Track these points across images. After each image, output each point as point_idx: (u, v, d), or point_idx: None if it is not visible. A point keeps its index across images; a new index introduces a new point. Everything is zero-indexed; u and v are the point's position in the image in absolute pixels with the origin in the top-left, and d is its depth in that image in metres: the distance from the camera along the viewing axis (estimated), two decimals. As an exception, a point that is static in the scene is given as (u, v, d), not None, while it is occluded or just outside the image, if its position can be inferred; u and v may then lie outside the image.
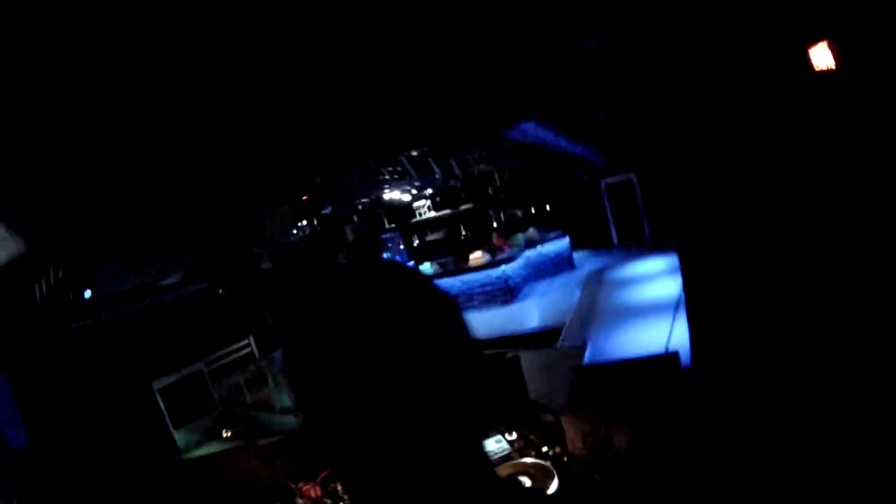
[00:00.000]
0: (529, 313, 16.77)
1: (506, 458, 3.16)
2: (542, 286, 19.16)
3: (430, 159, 14.43)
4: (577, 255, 20.98)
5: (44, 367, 17.65)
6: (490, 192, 21.67)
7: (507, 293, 18.59)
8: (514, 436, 3.34)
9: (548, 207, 22.58)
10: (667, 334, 11.17)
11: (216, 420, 15.84)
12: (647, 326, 12.13)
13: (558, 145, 16.89)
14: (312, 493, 3.50)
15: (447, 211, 21.93)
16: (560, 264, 20.48)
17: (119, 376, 17.36)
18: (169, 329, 20.52)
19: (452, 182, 20.01)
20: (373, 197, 20.46)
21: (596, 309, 14.74)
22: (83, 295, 16.32)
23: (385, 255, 23.76)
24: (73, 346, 17.63)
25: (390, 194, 20.55)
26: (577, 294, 16.64)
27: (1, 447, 16.98)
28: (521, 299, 18.53)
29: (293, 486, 3.62)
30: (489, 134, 13.91)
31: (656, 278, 16.06)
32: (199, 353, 17.18)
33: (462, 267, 19.62)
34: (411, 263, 23.17)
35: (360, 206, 20.99)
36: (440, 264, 20.63)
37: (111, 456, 14.29)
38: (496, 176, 21.64)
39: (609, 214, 22.07)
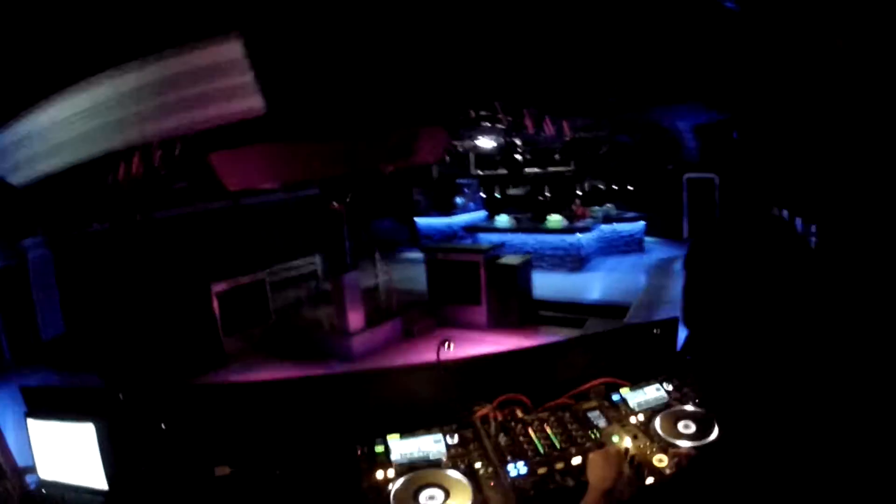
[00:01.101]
0: (595, 285, 17.09)
1: (666, 406, 3.59)
2: (611, 262, 19.48)
3: (546, 116, 14.59)
4: (647, 240, 21.24)
5: (97, 255, 17.63)
6: (584, 160, 21.67)
7: (577, 261, 18.90)
8: (671, 386, 3.78)
9: (630, 188, 22.63)
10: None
11: (268, 331, 16.26)
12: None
13: (678, 130, 17.14)
14: (491, 417, 3.72)
15: (535, 169, 21.94)
16: (631, 245, 20.71)
17: (177, 274, 17.40)
18: (239, 233, 20.76)
19: (554, 142, 20.06)
20: (470, 141, 20.51)
21: (664, 297, 14.95)
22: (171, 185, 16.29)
23: (459, 201, 24.15)
24: (136, 237, 17.63)
25: (485, 141, 20.65)
26: (644, 278, 16.94)
27: (32, 339, 16.99)
28: (590, 270, 18.83)
29: (473, 407, 3.88)
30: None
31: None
32: (264, 262, 17.72)
33: (538, 226, 19.98)
34: (485, 213, 23.85)
35: (459, 149, 21.07)
36: (517, 219, 20.99)
37: (153, 354, 14.16)
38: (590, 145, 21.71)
39: (685, 208, 22.08)
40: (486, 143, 21.02)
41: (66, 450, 4.30)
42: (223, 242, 19.94)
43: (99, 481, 4.12)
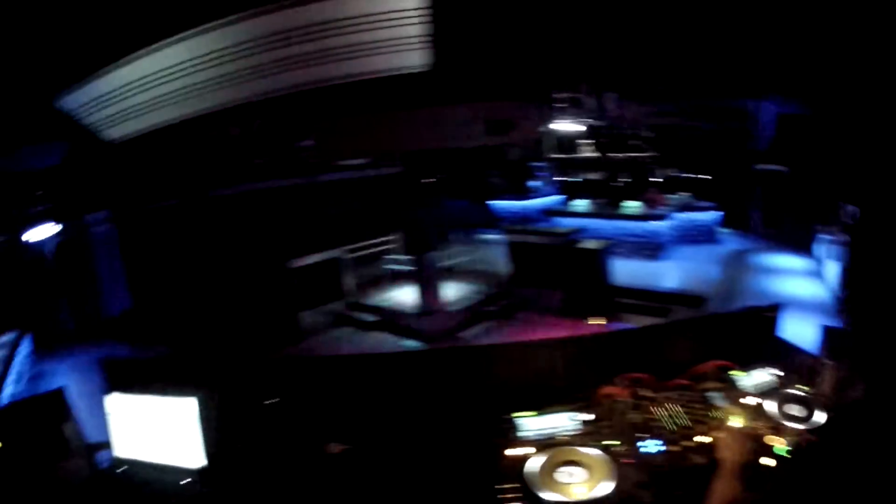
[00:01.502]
0: (672, 274, 17.32)
1: (775, 389, 3.81)
2: (686, 252, 19.45)
3: (628, 100, 14.66)
4: (720, 231, 21.17)
5: (167, 230, 17.94)
6: (662, 146, 21.60)
7: (654, 248, 19.01)
8: (778, 370, 4.03)
9: (705, 177, 22.51)
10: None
11: (346, 307, 16.60)
12: (797, 321, 12.35)
13: (760, 119, 17.10)
14: (618, 395, 3.91)
15: (615, 154, 22.18)
16: (704, 235, 20.58)
17: (253, 250, 17.82)
18: (317, 210, 20.97)
19: (633, 127, 20.04)
20: (547, 124, 20.55)
21: (739, 289, 15.06)
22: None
23: (534, 185, 24.21)
24: (209, 212, 18.00)
25: (562, 124, 20.68)
26: (718, 269, 17.00)
27: (96, 313, 17.37)
28: (666, 258, 18.94)
29: (600, 385, 4.02)
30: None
31: (797, 276, 16.13)
32: (342, 239, 18.00)
33: (615, 212, 20.14)
34: (560, 197, 23.89)
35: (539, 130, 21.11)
36: (595, 204, 21.19)
37: (228, 329, 14.41)
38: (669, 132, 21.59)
39: (756, 201, 21.90)
40: (563, 126, 21.07)
41: (154, 426, 4.11)
42: (302, 219, 20.22)
43: (191, 459, 3.99)
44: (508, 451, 3.50)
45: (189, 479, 3.92)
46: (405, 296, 15.93)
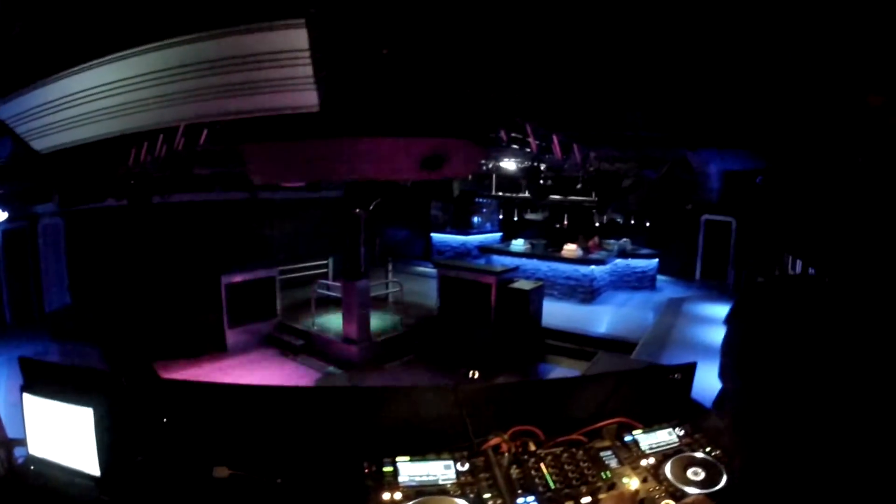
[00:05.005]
0: (604, 319, 17.12)
1: (677, 451, 3.58)
2: (622, 297, 19.45)
3: (574, 145, 14.64)
4: (659, 279, 21.27)
5: (110, 230, 17.94)
6: (606, 191, 21.75)
7: (588, 292, 18.86)
8: (683, 431, 3.78)
9: (647, 224, 22.90)
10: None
11: (274, 328, 16.62)
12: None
13: (705, 172, 17.09)
14: (503, 447, 3.68)
15: (556, 196, 21.99)
16: (643, 282, 20.64)
17: (188, 260, 17.85)
18: (255, 226, 21.26)
19: (578, 171, 20.13)
20: (494, 161, 20.61)
21: (671, 337, 14.99)
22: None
23: (476, 220, 24.39)
24: (152, 218, 17.78)
25: (509, 163, 20.72)
26: (653, 316, 16.98)
27: (35, 307, 17.20)
28: (600, 303, 18.80)
29: (486, 436, 3.77)
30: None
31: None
32: (277, 259, 18.23)
33: (552, 254, 19.99)
34: (500, 234, 24.07)
35: (483, 168, 21.12)
36: (532, 244, 21.06)
37: (155, 333, 14.62)
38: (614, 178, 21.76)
39: (700, 250, 22.27)
40: (509, 164, 21.09)
41: (61, 429, 4.20)
42: (238, 233, 20.39)
43: (92, 466, 4.03)
44: (382, 495, 3.31)
45: (90, 485, 3.97)
46: (332, 322, 15.77)
